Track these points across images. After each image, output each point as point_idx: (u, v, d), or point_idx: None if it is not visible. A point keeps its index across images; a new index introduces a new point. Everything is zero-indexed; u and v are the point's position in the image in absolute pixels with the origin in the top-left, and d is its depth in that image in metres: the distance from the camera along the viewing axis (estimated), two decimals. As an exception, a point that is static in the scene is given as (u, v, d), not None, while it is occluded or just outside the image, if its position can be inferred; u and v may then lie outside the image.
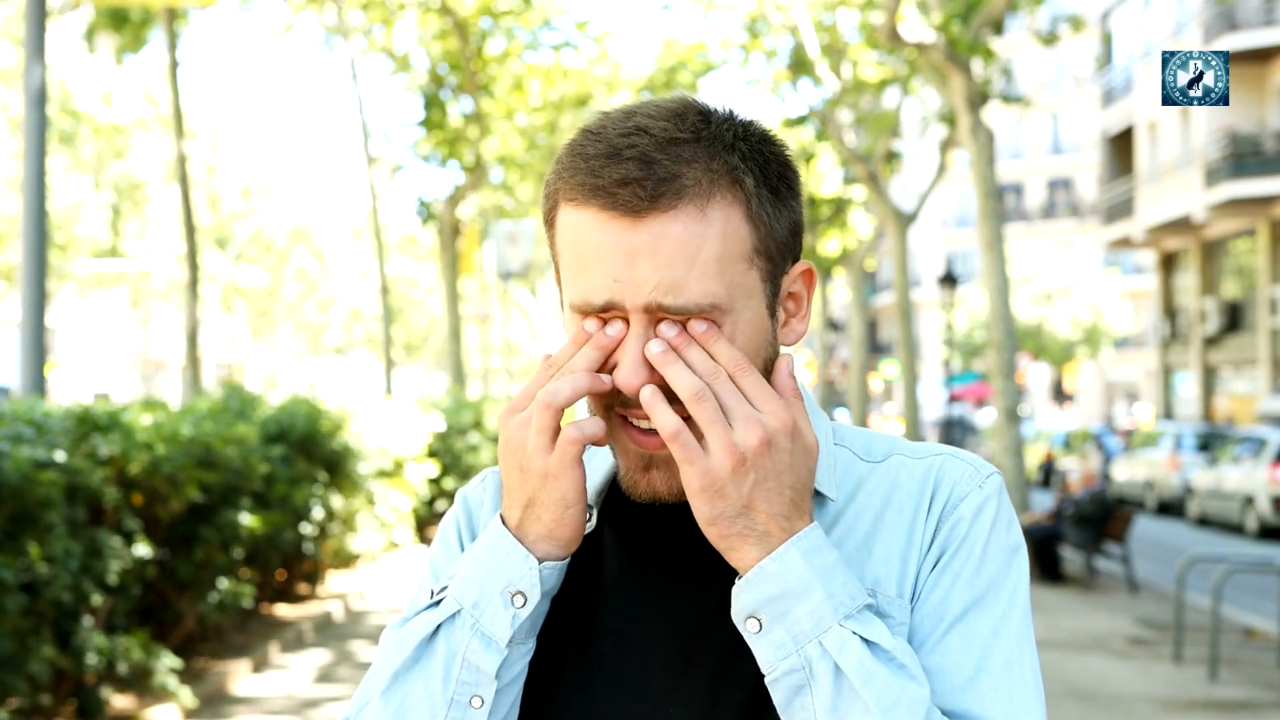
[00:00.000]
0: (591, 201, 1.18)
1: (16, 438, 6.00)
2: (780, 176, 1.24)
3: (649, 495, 1.25)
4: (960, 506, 1.26)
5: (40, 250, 8.59)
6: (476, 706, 1.20)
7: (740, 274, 1.20)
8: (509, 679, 1.22)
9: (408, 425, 14.18)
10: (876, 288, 59.30)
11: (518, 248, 29.69)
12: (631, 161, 1.17)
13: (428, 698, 1.21)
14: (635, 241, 1.17)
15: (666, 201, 1.17)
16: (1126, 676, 9.26)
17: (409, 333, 57.62)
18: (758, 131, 1.24)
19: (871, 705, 1.12)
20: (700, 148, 1.19)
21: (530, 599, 1.20)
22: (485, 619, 1.21)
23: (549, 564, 1.21)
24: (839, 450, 1.32)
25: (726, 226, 1.19)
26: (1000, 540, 1.25)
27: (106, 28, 18.65)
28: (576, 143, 1.22)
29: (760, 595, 1.15)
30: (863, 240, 29.60)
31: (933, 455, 1.30)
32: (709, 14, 23.83)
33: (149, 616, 7.84)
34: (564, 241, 1.22)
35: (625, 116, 1.21)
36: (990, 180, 15.70)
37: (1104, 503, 14.76)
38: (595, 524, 1.32)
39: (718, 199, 1.19)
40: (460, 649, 1.21)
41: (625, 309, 1.19)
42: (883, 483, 1.29)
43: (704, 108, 1.23)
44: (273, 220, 48.14)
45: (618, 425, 1.24)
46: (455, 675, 1.20)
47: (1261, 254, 31.57)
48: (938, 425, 33.40)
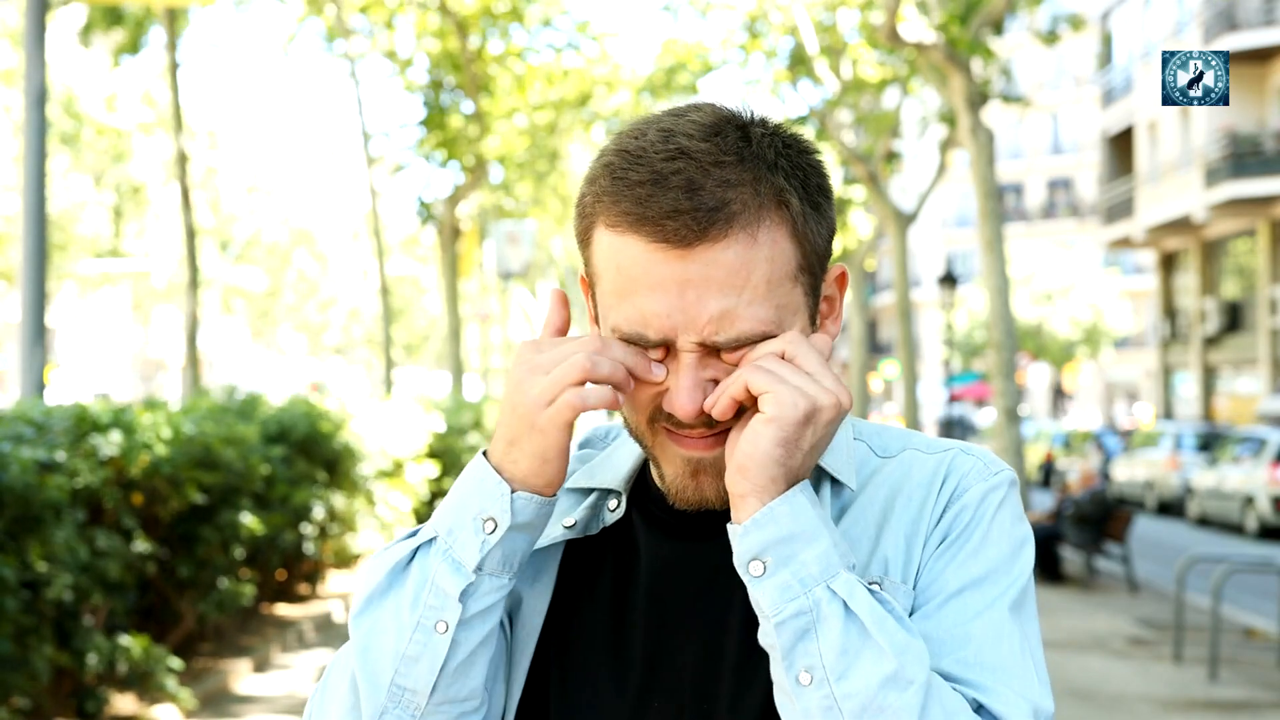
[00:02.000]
0: (639, 231, 1.17)
1: (17, 438, 6.00)
2: (819, 188, 1.24)
3: (698, 502, 1.25)
4: (966, 495, 1.26)
5: (40, 250, 8.60)
6: (441, 631, 1.19)
7: (786, 293, 1.20)
8: (478, 610, 1.20)
9: (408, 425, 14.18)
10: (876, 288, 59.28)
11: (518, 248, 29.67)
12: (678, 191, 1.16)
13: (396, 621, 1.21)
14: (687, 273, 1.16)
15: (717, 231, 1.16)
16: (1126, 676, 9.26)
17: (409, 333, 57.63)
18: (795, 142, 1.24)
19: (885, 646, 1.11)
20: (745, 169, 1.18)
21: (500, 524, 1.19)
22: (456, 545, 1.20)
23: (523, 494, 1.20)
24: (857, 444, 1.32)
25: (774, 249, 1.19)
26: (1004, 528, 1.25)
27: (102, 25, 18.64)
28: (615, 165, 1.20)
29: (768, 537, 1.14)
30: (863, 240, 29.57)
31: (944, 450, 1.31)
32: (709, 14, 23.82)
33: (149, 616, 7.84)
34: (604, 263, 1.21)
35: (664, 137, 1.19)
36: (990, 180, 15.69)
37: (1104, 503, 14.76)
38: (623, 512, 1.32)
39: (766, 222, 1.18)
40: (431, 574, 1.20)
41: (679, 344, 1.19)
42: (894, 474, 1.29)
43: (741, 120, 1.22)
44: (273, 221, 48.14)
45: (663, 435, 1.24)
46: (424, 599, 1.20)
47: (1261, 254, 31.56)
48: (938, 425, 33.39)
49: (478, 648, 1.21)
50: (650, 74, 25.95)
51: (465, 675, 1.21)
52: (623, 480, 1.33)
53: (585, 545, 1.33)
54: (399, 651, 1.20)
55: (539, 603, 1.30)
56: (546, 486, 1.21)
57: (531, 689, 1.29)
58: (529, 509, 1.20)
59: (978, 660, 1.18)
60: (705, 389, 1.20)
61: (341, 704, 1.24)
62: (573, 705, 1.28)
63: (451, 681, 1.21)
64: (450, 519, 1.22)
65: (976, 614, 1.20)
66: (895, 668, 1.10)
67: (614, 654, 1.28)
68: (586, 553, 1.33)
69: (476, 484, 1.21)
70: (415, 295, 55.44)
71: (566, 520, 1.32)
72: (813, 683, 1.12)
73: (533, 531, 1.22)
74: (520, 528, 1.21)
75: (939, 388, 37.70)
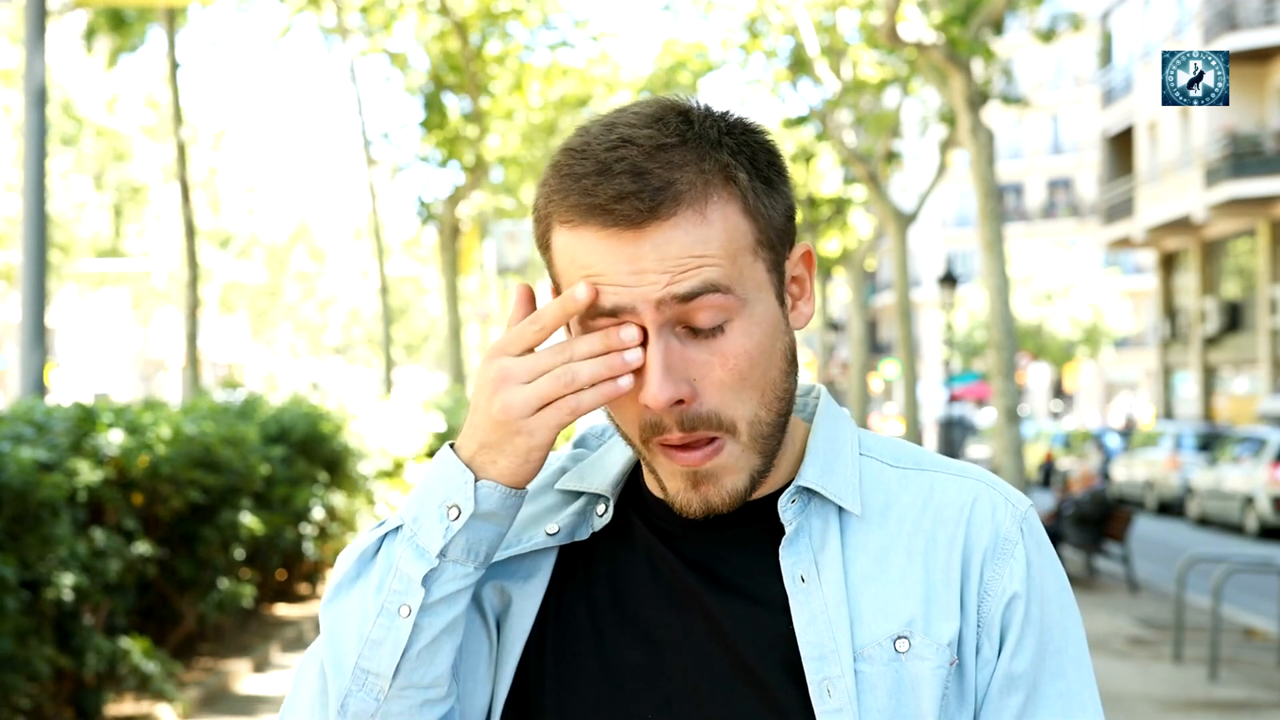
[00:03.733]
0: (589, 221, 1.18)
1: (17, 438, 6.00)
2: (770, 164, 1.23)
3: (704, 509, 1.24)
4: (1005, 576, 1.24)
5: (40, 250, 8.60)
6: (404, 615, 1.20)
7: (747, 267, 1.20)
8: (441, 595, 1.20)
9: (408, 425, 14.18)
10: (876, 288, 59.28)
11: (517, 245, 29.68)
12: (624, 175, 1.16)
13: (361, 606, 1.22)
14: (639, 251, 1.16)
15: (665, 209, 1.16)
16: (1126, 676, 9.26)
17: (409, 333, 57.62)
18: (740, 123, 1.23)
19: None
20: (689, 150, 1.18)
21: (464, 511, 1.19)
22: (421, 532, 1.21)
23: (488, 483, 1.20)
24: (865, 460, 1.30)
25: (726, 224, 1.18)
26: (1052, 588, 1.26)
27: (104, 29, 18.63)
28: (561, 163, 1.21)
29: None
30: (863, 240, 29.59)
31: (961, 478, 1.29)
32: (709, 14, 23.82)
33: (149, 616, 7.84)
34: (564, 261, 1.21)
35: (606, 129, 1.20)
36: (990, 180, 15.69)
37: (1104, 503, 14.76)
38: (611, 518, 1.31)
39: (715, 199, 1.18)
40: (395, 560, 1.21)
41: (639, 313, 1.18)
42: (913, 505, 1.27)
43: (683, 106, 1.22)
44: (273, 221, 48.13)
45: (658, 452, 1.23)
46: (388, 584, 1.21)
47: (1261, 254, 31.56)
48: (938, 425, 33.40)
49: (441, 634, 1.21)
50: (650, 74, 25.96)
51: (429, 661, 1.21)
52: (611, 485, 1.32)
53: (579, 547, 1.32)
54: (363, 635, 1.21)
55: (529, 604, 1.30)
56: (519, 483, 1.21)
57: (521, 691, 1.28)
58: (493, 497, 1.20)
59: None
60: (679, 380, 1.18)
61: (311, 690, 1.26)
62: (563, 709, 1.27)
63: (415, 666, 1.21)
64: (416, 508, 1.22)
65: (1077, 693, 1.25)
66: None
67: (605, 659, 1.27)
68: (580, 555, 1.32)
69: (441, 473, 1.22)
70: (415, 295, 55.44)
71: (550, 527, 1.30)
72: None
73: (498, 522, 1.22)
74: (484, 516, 1.20)
75: (939, 388, 37.69)
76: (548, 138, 26.03)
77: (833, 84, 23.28)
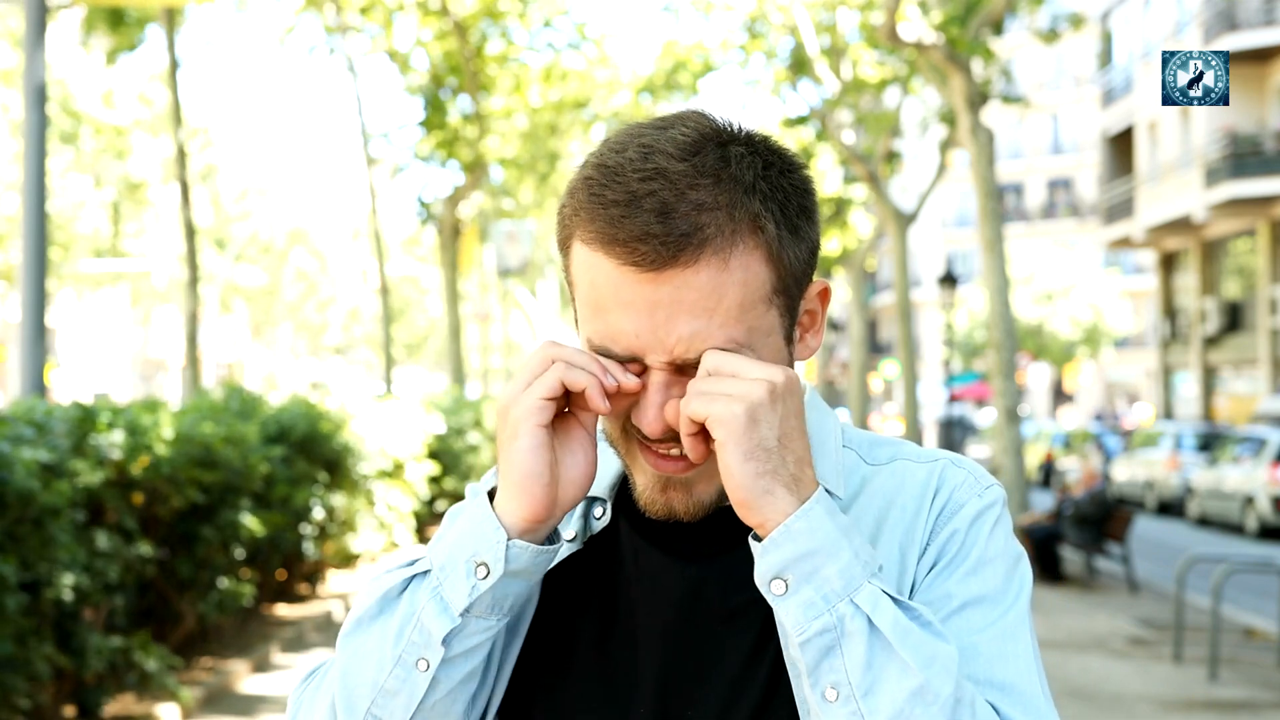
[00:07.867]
0: (610, 251, 1.17)
1: (18, 439, 5.99)
2: (800, 210, 1.22)
3: (665, 514, 1.25)
4: (956, 516, 1.25)
5: (40, 250, 8.59)
6: (422, 669, 1.19)
7: (759, 316, 1.19)
8: (462, 650, 1.19)
9: (408, 425, 14.18)
10: (876, 288, 59.27)
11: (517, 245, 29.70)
12: (650, 213, 1.15)
13: (379, 651, 1.20)
14: (657, 295, 1.16)
15: (688, 256, 1.15)
16: (1126, 676, 9.26)
17: (409, 333, 57.63)
18: (776, 162, 1.22)
19: (910, 661, 1.10)
20: (721, 192, 1.17)
21: (493, 572, 1.18)
22: (447, 584, 1.19)
23: (519, 543, 1.18)
24: (846, 452, 1.32)
25: (747, 274, 1.18)
26: (998, 547, 1.25)
27: (103, 27, 18.62)
28: (594, 181, 1.19)
29: (787, 555, 1.13)
30: (863, 240, 29.59)
31: (932, 460, 1.30)
32: (709, 15, 23.82)
33: (149, 616, 7.84)
34: (580, 276, 1.21)
35: (642, 156, 1.18)
36: (990, 180, 15.70)
37: (1104, 503, 14.76)
38: (610, 519, 1.31)
39: (740, 247, 1.17)
40: (418, 609, 1.19)
41: (647, 362, 1.19)
42: (886, 484, 1.29)
43: (722, 136, 1.20)
44: (272, 220, 48.13)
45: (636, 446, 1.24)
46: (408, 635, 1.19)
47: (1261, 254, 31.56)
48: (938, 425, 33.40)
49: (458, 685, 1.20)
50: (650, 75, 25.96)
51: (444, 712, 1.21)
52: (607, 487, 1.32)
53: (574, 552, 1.33)
54: (378, 684, 1.19)
55: (526, 609, 1.30)
56: (534, 517, 1.19)
57: (516, 696, 1.28)
58: (523, 557, 1.19)
59: (987, 677, 1.18)
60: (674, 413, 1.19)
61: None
62: (557, 710, 1.27)
63: (428, 716, 1.20)
64: (445, 555, 1.20)
65: (980, 630, 1.20)
66: (921, 682, 1.10)
67: (601, 663, 1.27)
68: (575, 560, 1.32)
69: (475, 524, 1.20)
70: (415, 295, 55.45)
71: (568, 533, 1.31)
72: (839, 699, 1.11)
73: (528, 578, 1.21)
74: (514, 574, 1.19)
75: (939, 388, 37.69)
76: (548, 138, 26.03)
77: (833, 84, 23.28)
